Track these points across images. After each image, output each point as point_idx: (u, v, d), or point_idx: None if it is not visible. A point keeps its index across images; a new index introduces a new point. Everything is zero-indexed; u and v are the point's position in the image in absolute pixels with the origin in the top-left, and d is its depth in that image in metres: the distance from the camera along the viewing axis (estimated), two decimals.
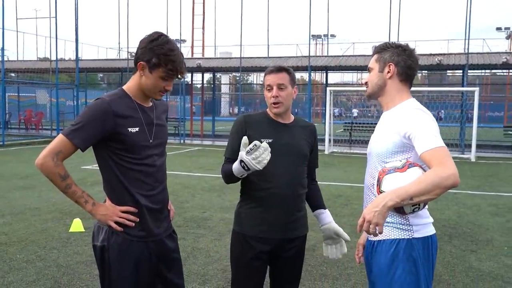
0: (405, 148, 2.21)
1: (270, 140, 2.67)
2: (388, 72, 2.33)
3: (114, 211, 2.36)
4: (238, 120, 2.81)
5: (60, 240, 5.81)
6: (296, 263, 2.85)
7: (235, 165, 2.58)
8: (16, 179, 10.25)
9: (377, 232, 2.03)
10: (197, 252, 5.46)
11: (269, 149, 2.48)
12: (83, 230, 6.20)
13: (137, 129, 2.37)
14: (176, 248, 2.63)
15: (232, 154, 2.76)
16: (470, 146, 16.19)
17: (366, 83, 2.44)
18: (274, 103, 2.69)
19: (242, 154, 2.50)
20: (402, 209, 2.10)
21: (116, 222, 2.35)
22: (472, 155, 15.76)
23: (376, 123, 2.58)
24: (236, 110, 55.52)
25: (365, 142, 18.70)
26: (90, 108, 2.32)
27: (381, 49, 2.38)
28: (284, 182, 2.67)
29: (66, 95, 28.96)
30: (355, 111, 29.69)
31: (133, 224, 2.38)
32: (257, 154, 2.46)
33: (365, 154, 2.47)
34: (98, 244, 2.41)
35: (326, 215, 2.87)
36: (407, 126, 2.16)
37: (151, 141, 2.42)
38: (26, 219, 6.84)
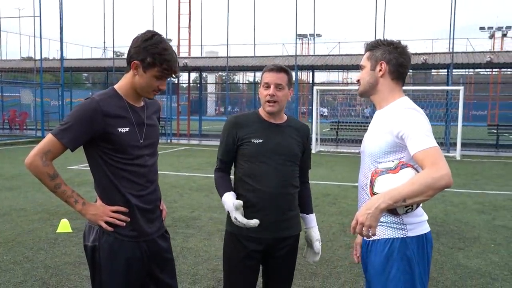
0: (398, 148, 2.20)
1: (260, 140, 2.69)
2: (380, 70, 2.32)
3: (105, 211, 2.35)
4: (228, 121, 2.80)
5: (48, 241, 5.74)
6: (289, 262, 2.85)
7: (224, 201, 2.66)
8: (0, 180, 10.09)
9: (370, 234, 2.04)
10: (187, 252, 5.44)
11: (257, 225, 2.56)
12: (71, 231, 6.14)
13: (127, 129, 2.34)
14: (169, 248, 2.62)
15: (224, 155, 2.80)
16: (455, 144, 16.35)
17: (358, 81, 2.42)
18: (269, 102, 2.67)
19: (232, 213, 2.58)
20: (395, 210, 2.10)
21: (107, 222, 2.34)
22: (457, 153, 15.92)
23: (358, 122, 2.60)
24: (222, 110, 55.46)
25: (352, 141, 18.81)
26: (79, 108, 2.30)
27: (372, 47, 2.36)
28: (274, 182, 2.68)
29: (50, 95, 28.64)
30: (324, 110, 29.64)
31: (124, 224, 2.36)
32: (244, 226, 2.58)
33: (352, 153, 2.50)
34: (89, 244, 2.39)
35: (311, 219, 2.90)
36: (399, 126, 2.15)
37: (141, 141, 2.41)
38: (12, 220, 6.75)
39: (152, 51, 2.26)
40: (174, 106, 26.63)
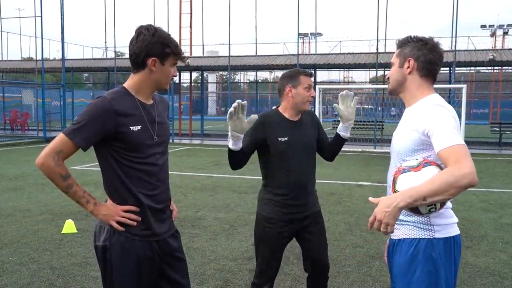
0: (425, 146, 2.14)
1: (285, 138, 3.11)
2: (408, 67, 2.27)
3: (116, 210, 2.32)
4: (258, 120, 3.04)
5: (53, 242, 5.71)
6: (316, 233, 3.24)
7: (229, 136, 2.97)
8: (3, 181, 10.05)
9: (388, 231, 2.00)
10: (193, 252, 5.41)
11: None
12: (76, 231, 6.11)
13: (139, 127, 2.32)
14: (180, 247, 2.60)
15: (247, 148, 3.09)
16: None
17: (388, 78, 2.38)
18: (310, 101, 3.18)
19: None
20: (417, 209, 2.04)
21: (118, 222, 2.31)
22: None
23: (359, 121, 2.58)
24: (223, 110, 55.42)
25: (354, 140, 18.75)
26: (91, 107, 2.27)
27: (402, 44, 2.31)
28: (299, 173, 3.15)
29: (52, 95, 28.61)
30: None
31: (135, 224, 2.34)
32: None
33: (354, 151, 2.47)
34: (100, 244, 2.37)
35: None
36: (425, 123, 2.10)
37: (155, 138, 2.38)
38: (16, 221, 6.72)
39: (166, 42, 2.32)
40: (175, 106, 26.62)
